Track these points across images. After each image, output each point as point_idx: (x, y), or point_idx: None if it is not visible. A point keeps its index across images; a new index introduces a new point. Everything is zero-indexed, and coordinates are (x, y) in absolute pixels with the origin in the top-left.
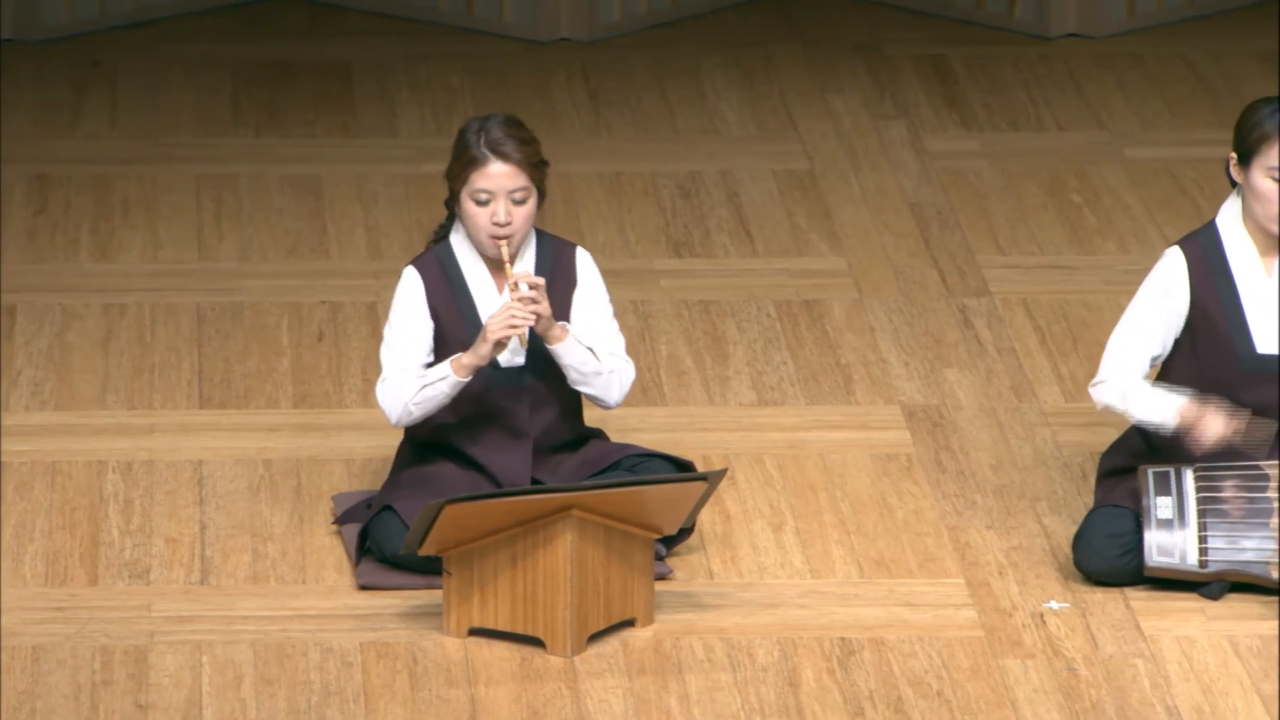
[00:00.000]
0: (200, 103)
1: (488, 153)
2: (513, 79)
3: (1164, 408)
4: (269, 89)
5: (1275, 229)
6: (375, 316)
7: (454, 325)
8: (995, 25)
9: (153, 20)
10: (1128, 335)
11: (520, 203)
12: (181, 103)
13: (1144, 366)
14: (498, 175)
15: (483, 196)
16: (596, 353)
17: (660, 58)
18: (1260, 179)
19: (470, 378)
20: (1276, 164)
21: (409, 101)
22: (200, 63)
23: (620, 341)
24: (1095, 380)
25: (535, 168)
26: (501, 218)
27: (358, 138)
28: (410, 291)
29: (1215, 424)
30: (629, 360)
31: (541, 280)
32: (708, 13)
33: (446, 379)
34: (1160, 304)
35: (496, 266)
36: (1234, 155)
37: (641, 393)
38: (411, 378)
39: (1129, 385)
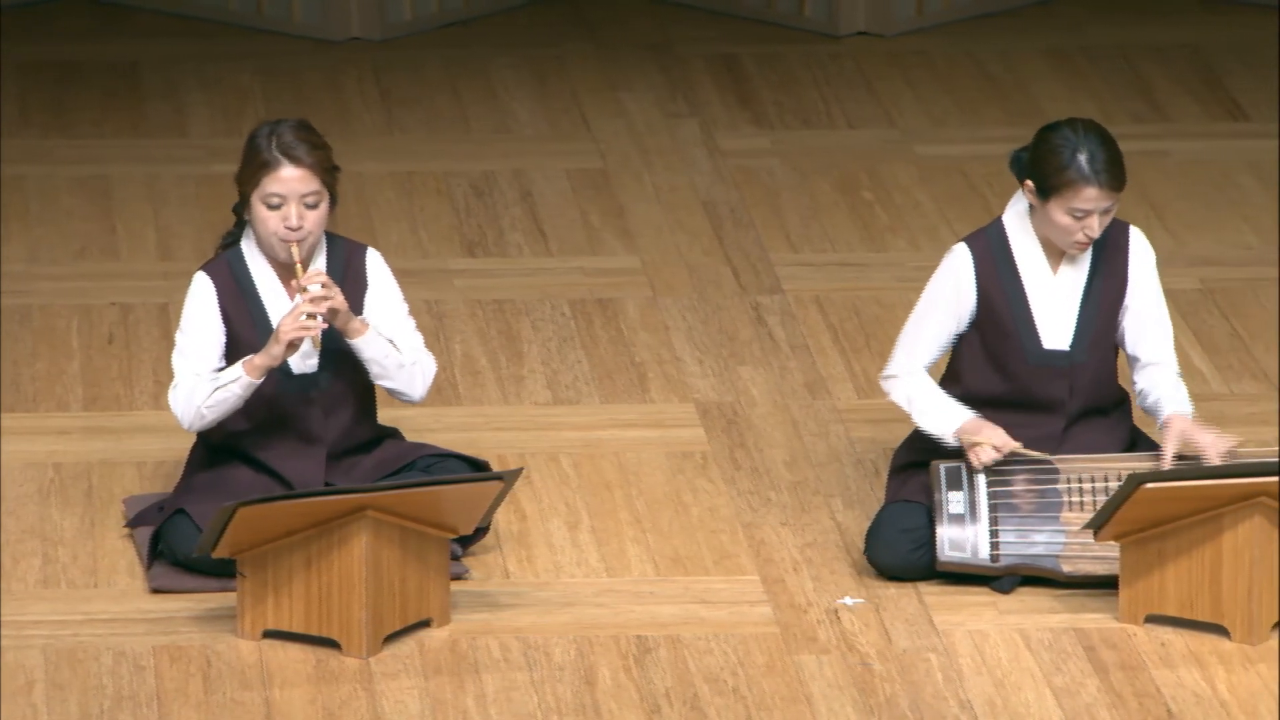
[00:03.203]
0: None
1: (280, 156)
2: (304, 79)
3: (944, 422)
4: (55, 90)
5: (1069, 250)
6: (166, 318)
7: (245, 330)
8: (786, 24)
9: None
10: (915, 331)
11: (312, 207)
12: None
13: (931, 360)
14: (290, 179)
15: (274, 200)
16: (397, 344)
17: (452, 57)
18: (1061, 216)
19: (263, 379)
20: (1079, 205)
21: (198, 102)
22: None
23: (418, 338)
24: (885, 373)
25: (327, 172)
26: (293, 221)
27: (146, 138)
28: (201, 296)
29: (987, 451)
30: (429, 353)
31: (330, 280)
32: (499, 12)
33: (239, 380)
34: (947, 300)
35: (287, 272)
36: (1029, 182)
37: (436, 392)
38: (204, 381)
39: (915, 389)
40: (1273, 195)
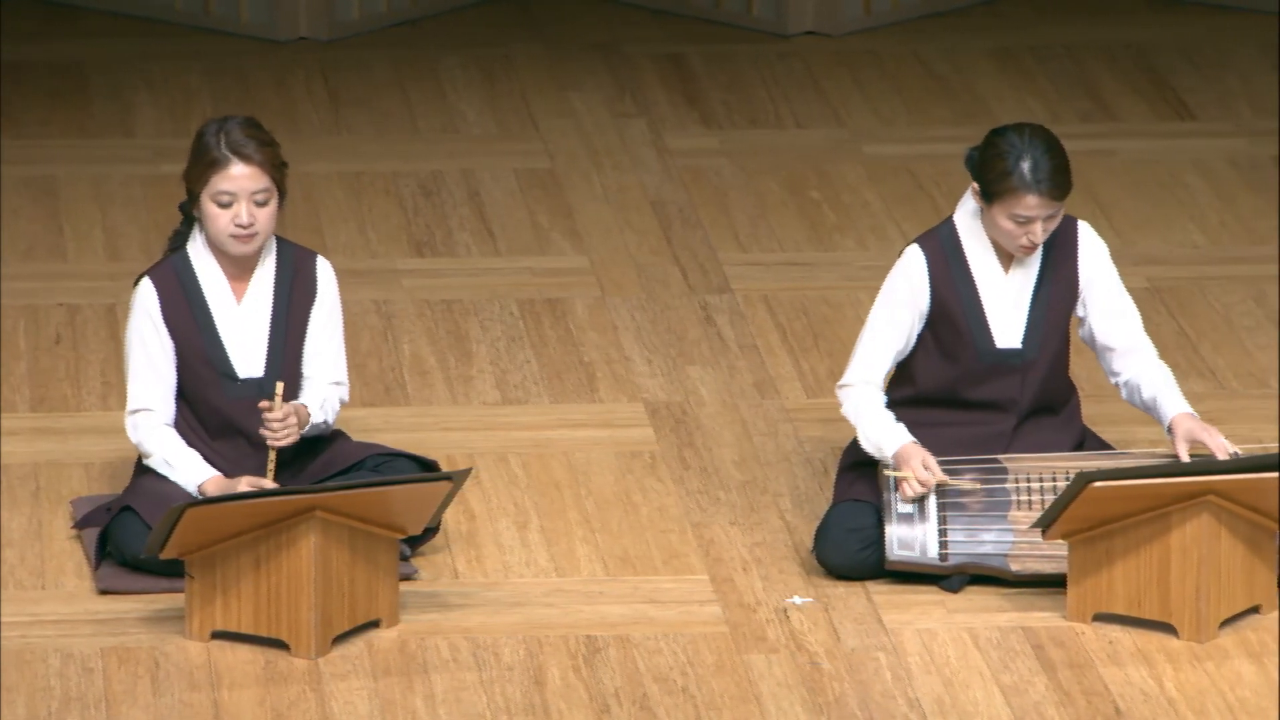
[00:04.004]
0: None
1: (229, 154)
2: (251, 78)
3: (883, 443)
4: (1, 89)
5: (1015, 253)
6: (114, 319)
7: (192, 336)
8: (734, 24)
9: None
10: (872, 336)
11: (262, 204)
12: None
13: (888, 365)
14: (239, 176)
15: (224, 198)
16: (326, 410)
17: (400, 57)
18: (1004, 220)
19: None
20: (1020, 212)
21: (145, 102)
22: None
23: (342, 368)
24: (842, 382)
25: (276, 169)
26: (244, 219)
27: (93, 138)
28: (145, 313)
29: (913, 485)
30: (346, 383)
31: (293, 416)
32: (447, 12)
33: (187, 485)
34: (903, 303)
35: (236, 274)
36: (976, 185)
37: (384, 392)
38: (157, 446)
39: (863, 406)
40: (1219, 194)
